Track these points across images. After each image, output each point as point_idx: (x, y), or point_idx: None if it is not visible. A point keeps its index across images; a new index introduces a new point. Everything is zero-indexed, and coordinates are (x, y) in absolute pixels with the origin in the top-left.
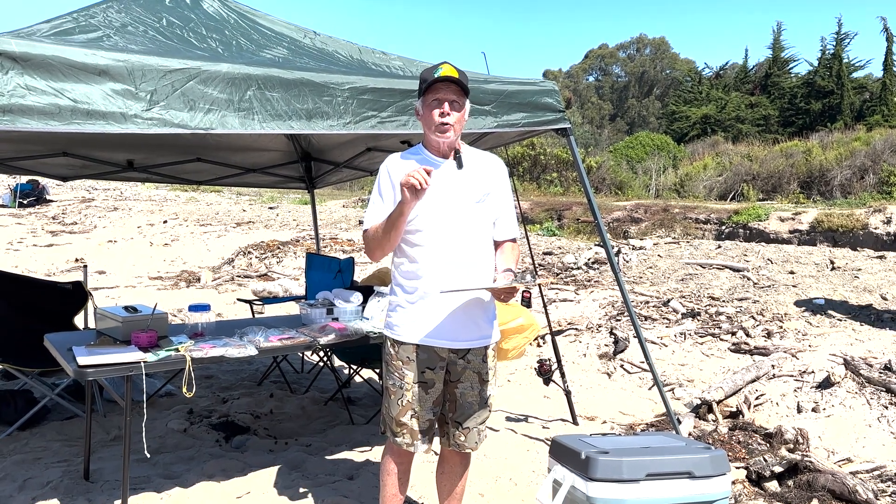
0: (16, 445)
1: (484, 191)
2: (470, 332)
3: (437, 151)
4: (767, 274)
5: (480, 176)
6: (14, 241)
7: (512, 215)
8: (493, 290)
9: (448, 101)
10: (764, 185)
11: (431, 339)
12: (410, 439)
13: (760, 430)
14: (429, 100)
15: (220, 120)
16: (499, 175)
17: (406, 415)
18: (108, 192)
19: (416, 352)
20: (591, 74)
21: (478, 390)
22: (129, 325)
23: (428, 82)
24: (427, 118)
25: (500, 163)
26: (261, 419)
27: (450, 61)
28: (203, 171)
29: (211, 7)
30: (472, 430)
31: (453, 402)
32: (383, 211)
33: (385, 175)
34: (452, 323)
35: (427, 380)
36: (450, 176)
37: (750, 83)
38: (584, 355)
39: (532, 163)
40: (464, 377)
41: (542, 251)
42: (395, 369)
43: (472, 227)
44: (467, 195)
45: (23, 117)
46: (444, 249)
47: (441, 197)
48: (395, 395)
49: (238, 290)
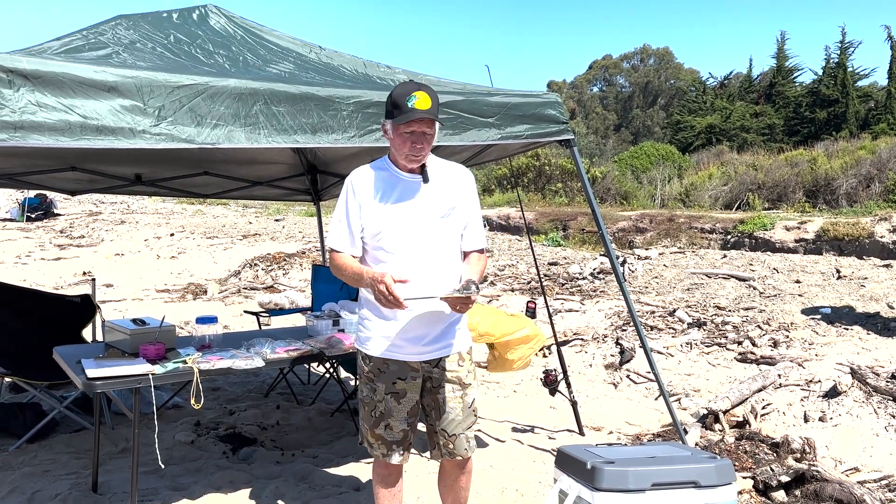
0: (25, 458)
1: (450, 205)
2: (437, 342)
3: (402, 167)
4: (773, 283)
5: (446, 190)
6: (22, 255)
7: (479, 226)
8: (446, 300)
9: (422, 133)
10: (769, 195)
11: (398, 353)
12: (386, 450)
13: (767, 440)
14: (401, 130)
15: (227, 135)
16: (465, 187)
17: (379, 426)
18: (115, 206)
19: (386, 364)
20: (595, 85)
21: (459, 395)
22: (138, 337)
23: (403, 113)
24: (398, 146)
25: (467, 174)
26: (267, 431)
27: (422, 84)
28: (210, 184)
29: (218, 23)
30: (459, 437)
31: (437, 409)
32: (347, 234)
33: (350, 192)
34: (418, 335)
35: (398, 390)
36: (416, 192)
37: (754, 92)
38: (589, 365)
39: (537, 173)
40: (443, 383)
41: (547, 261)
42: (367, 381)
43: (437, 242)
44: (432, 210)
45: (34, 133)
46: (410, 264)
47: (406, 212)
48: (368, 406)
49: (245, 303)
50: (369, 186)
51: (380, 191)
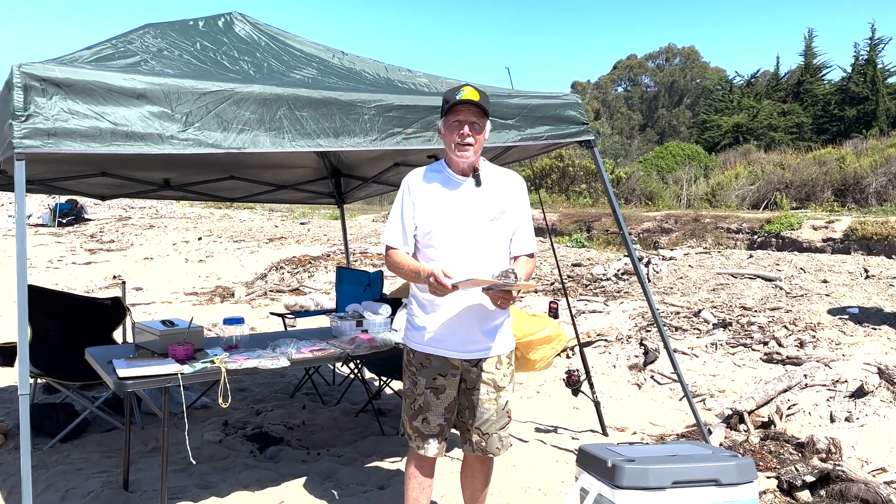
0: (58, 457)
1: (499, 209)
2: (478, 343)
3: (457, 169)
4: (800, 283)
5: (497, 194)
6: (54, 260)
7: (529, 231)
8: (487, 292)
9: (468, 124)
10: (797, 194)
11: (442, 349)
12: (422, 441)
13: (792, 440)
14: (450, 121)
15: (252, 139)
16: (517, 192)
17: (417, 418)
18: (144, 211)
19: (429, 359)
20: (619, 85)
21: (494, 397)
22: (167, 338)
23: (450, 104)
24: (448, 138)
25: (519, 180)
26: (294, 430)
27: (472, 83)
28: (237, 188)
29: (243, 30)
30: (492, 436)
31: (472, 409)
32: (402, 231)
33: (406, 191)
34: (462, 334)
35: (438, 386)
36: (468, 194)
37: (782, 91)
38: (613, 366)
39: (561, 175)
40: (479, 385)
41: (570, 263)
42: (410, 375)
43: (485, 243)
44: (482, 213)
45: (66, 140)
46: (458, 263)
47: (457, 214)
48: (409, 399)
49: (271, 305)
50: (424, 187)
51: (433, 191)
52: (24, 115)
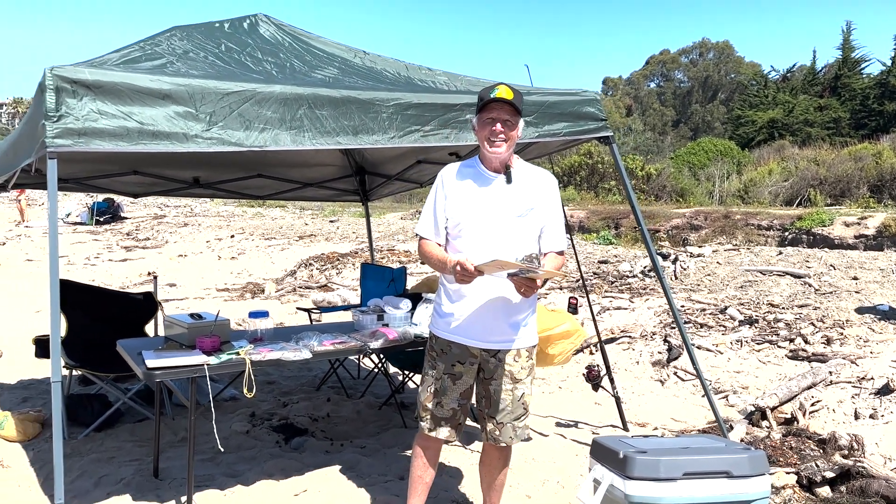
0: (92, 445)
1: (528, 205)
2: (500, 334)
3: (490, 166)
4: (829, 280)
5: (527, 191)
6: (91, 257)
7: (558, 228)
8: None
9: (500, 121)
10: (832, 190)
11: (463, 337)
12: (432, 424)
13: (814, 437)
14: (483, 117)
15: (274, 138)
16: (547, 190)
17: (432, 401)
18: (178, 209)
19: (449, 346)
20: (652, 81)
21: (510, 388)
22: (195, 330)
23: (484, 101)
24: (481, 134)
25: (551, 179)
26: (318, 422)
27: (507, 83)
28: (264, 186)
29: (267, 31)
30: (506, 426)
31: (488, 398)
32: (434, 222)
33: (440, 184)
34: (485, 324)
35: (456, 372)
36: (498, 190)
37: (819, 85)
38: (637, 362)
39: (590, 171)
40: (496, 375)
41: (597, 260)
42: (430, 359)
43: (512, 238)
44: (511, 209)
45: (95, 139)
46: (485, 256)
47: (486, 209)
48: (426, 381)
49: (300, 301)
50: (456, 181)
51: (465, 185)
52: (56, 115)
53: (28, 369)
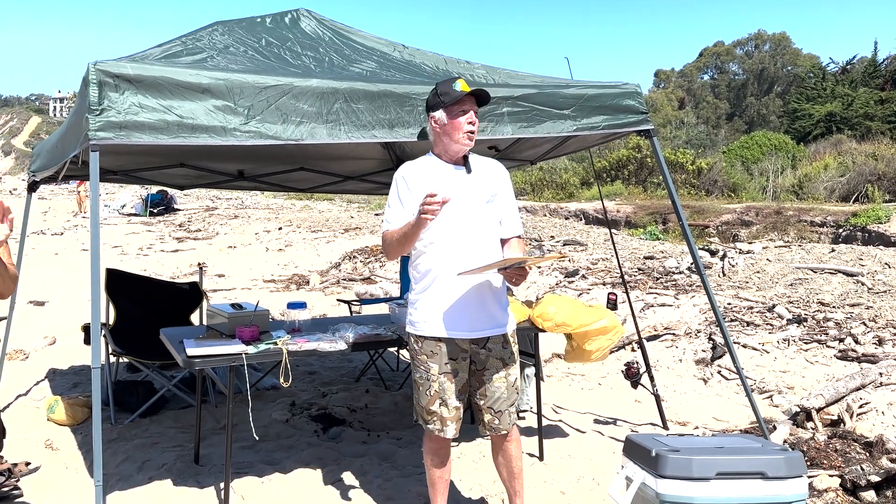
0: (137, 431)
1: (492, 192)
2: (485, 321)
3: (450, 160)
4: (884, 279)
5: (487, 179)
6: (144, 247)
7: (516, 213)
8: (503, 271)
9: (473, 111)
10: (891, 186)
11: (451, 331)
12: (440, 425)
13: (861, 439)
14: (455, 110)
15: (310, 131)
16: (503, 178)
17: (435, 403)
18: (229, 201)
19: (438, 345)
20: (705, 73)
21: (503, 374)
22: (235, 320)
23: (453, 95)
24: (453, 127)
25: (502, 167)
26: (356, 413)
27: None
28: (307, 179)
29: (308, 26)
30: (504, 413)
31: (482, 388)
32: (402, 216)
33: (402, 181)
34: (468, 315)
35: (452, 370)
36: (462, 180)
37: (880, 78)
38: (679, 360)
39: (638, 166)
40: (489, 364)
41: (643, 255)
42: (421, 363)
43: (482, 225)
44: (478, 196)
45: (136, 132)
46: (458, 246)
47: (456, 198)
48: (423, 386)
49: (343, 293)
50: (419, 177)
51: (428, 180)
52: (99, 109)
53: (79, 356)
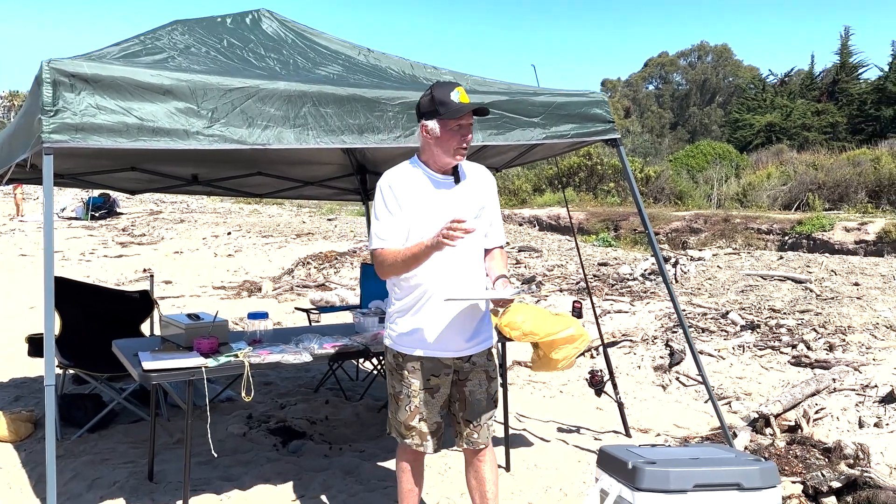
0: (86, 447)
1: (480, 205)
2: (471, 339)
3: (438, 169)
4: (831, 286)
5: (476, 190)
6: (86, 253)
7: (500, 223)
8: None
9: (468, 126)
10: (830, 195)
11: (434, 350)
12: (420, 440)
13: (819, 445)
14: (451, 125)
15: (277, 135)
16: (490, 187)
17: (415, 419)
18: (175, 205)
19: (420, 362)
20: (650, 83)
21: (485, 387)
22: (192, 331)
23: (451, 109)
24: (447, 141)
25: (489, 174)
26: (317, 425)
27: (461, 84)
28: (264, 184)
29: (270, 27)
30: (482, 426)
31: (463, 401)
32: (394, 229)
33: (389, 192)
34: (454, 332)
35: (433, 385)
36: (450, 193)
37: (816, 90)
38: (638, 367)
39: (589, 173)
40: (472, 376)
41: (597, 262)
42: (402, 378)
43: (469, 240)
44: (467, 210)
45: (93, 135)
46: (445, 261)
47: (442, 212)
48: (403, 401)
49: (297, 300)
50: (406, 188)
51: (416, 192)
52: (53, 110)
53: (20, 368)
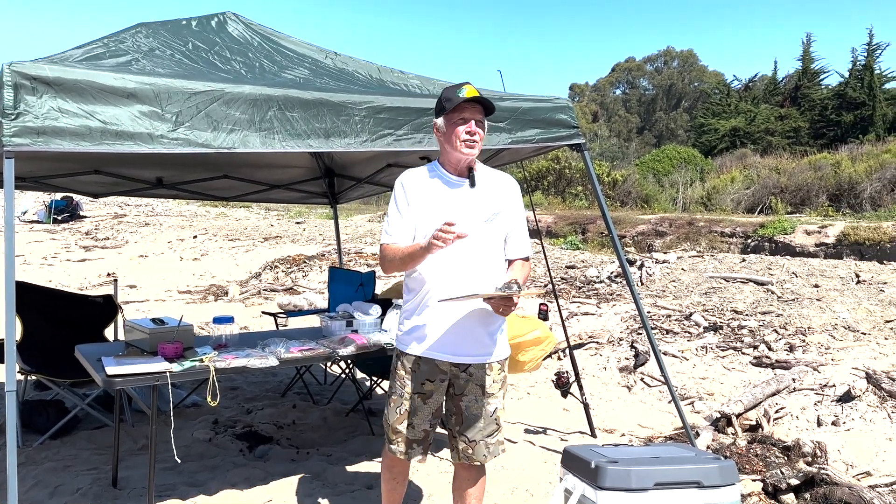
0: (48, 453)
1: (494, 210)
2: (471, 347)
3: (453, 170)
4: (792, 287)
5: (492, 195)
6: (48, 256)
7: (524, 234)
8: (489, 300)
9: (475, 120)
10: (792, 198)
11: (433, 351)
12: (404, 447)
13: (779, 444)
14: (454, 118)
15: (242, 139)
16: (511, 194)
17: (402, 423)
18: (139, 208)
19: (417, 363)
20: (618, 88)
21: (482, 403)
22: (156, 336)
23: (454, 102)
24: (451, 135)
25: (513, 182)
26: (283, 429)
27: (471, 82)
28: (230, 187)
29: (236, 30)
30: (478, 443)
31: (459, 414)
32: (402, 226)
33: (401, 190)
34: (454, 337)
35: (426, 391)
36: (463, 194)
37: (779, 95)
38: (604, 368)
39: (557, 176)
40: (467, 390)
41: (564, 265)
42: (398, 378)
43: (480, 245)
44: (477, 214)
45: (56, 138)
46: (452, 264)
47: (450, 213)
48: (395, 403)
49: (265, 304)
50: (419, 188)
51: (429, 193)
52: (14, 113)
53: None
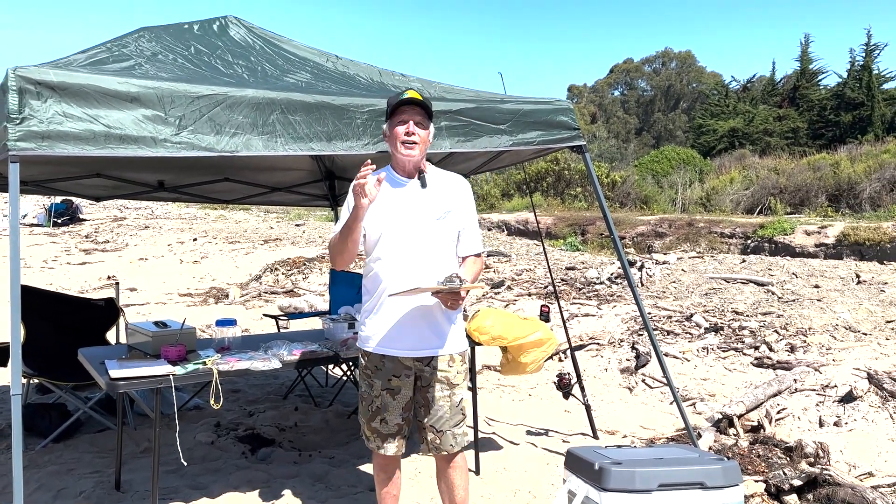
0: (50, 457)
1: (445, 208)
2: (429, 340)
3: (402, 171)
4: (792, 288)
5: (443, 195)
6: (49, 260)
7: (475, 232)
8: (437, 295)
9: (413, 121)
10: (791, 199)
11: (393, 349)
12: (381, 442)
13: (781, 444)
14: (395, 121)
15: (245, 143)
16: (462, 194)
17: (375, 420)
18: (139, 211)
19: (382, 361)
20: (616, 89)
21: (448, 394)
22: (159, 339)
23: (392, 105)
24: (393, 137)
25: (464, 182)
26: (286, 432)
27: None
28: (231, 190)
29: (237, 34)
30: (445, 433)
31: (427, 407)
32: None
33: (350, 191)
34: (412, 332)
35: (394, 387)
36: (413, 194)
37: (778, 96)
38: (605, 370)
39: (556, 178)
40: (433, 382)
41: (564, 266)
42: (366, 377)
43: (432, 242)
44: (429, 213)
45: (60, 142)
46: (404, 262)
47: (404, 214)
48: (366, 401)
49: (265, 306)
50: None
51: (381, 194)
52: (19, 117)
53: None
